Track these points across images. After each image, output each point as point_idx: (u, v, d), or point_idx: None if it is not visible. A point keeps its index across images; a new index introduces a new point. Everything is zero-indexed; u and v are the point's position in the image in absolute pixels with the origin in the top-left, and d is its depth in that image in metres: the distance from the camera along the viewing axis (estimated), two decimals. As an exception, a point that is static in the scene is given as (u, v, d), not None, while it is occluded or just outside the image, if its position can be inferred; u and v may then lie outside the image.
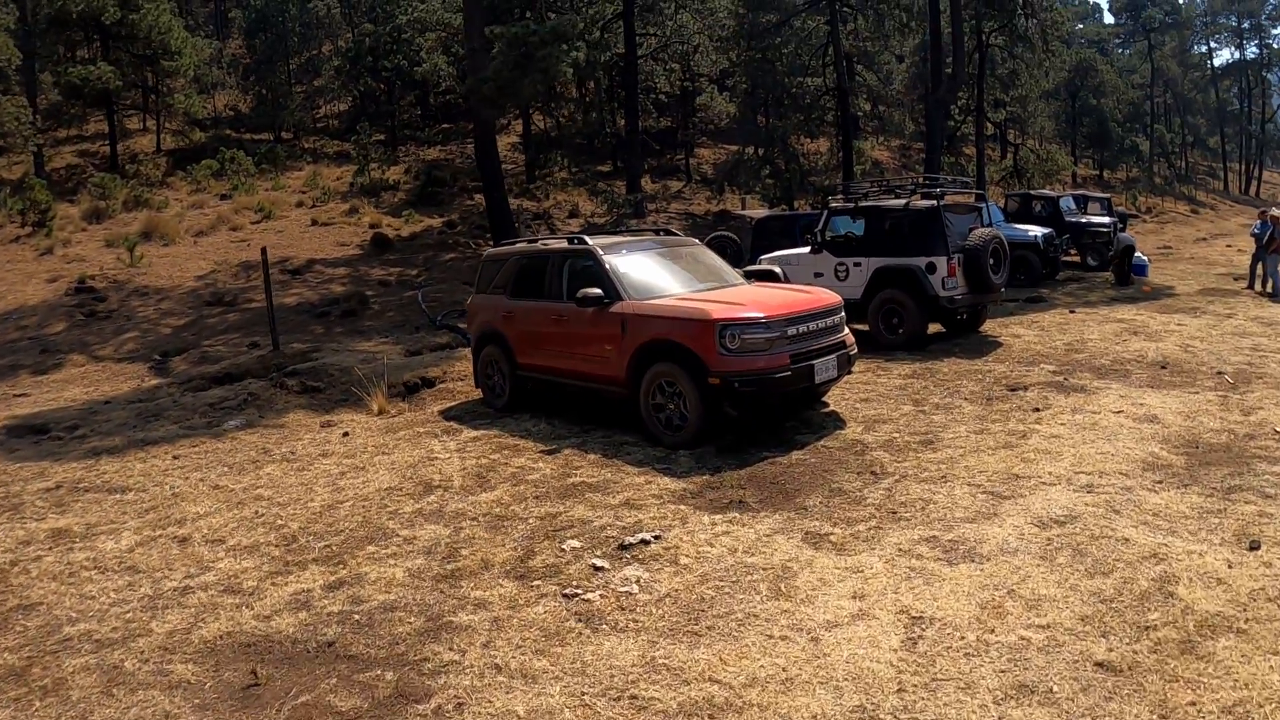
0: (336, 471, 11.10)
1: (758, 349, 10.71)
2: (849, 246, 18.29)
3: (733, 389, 10.64)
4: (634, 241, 13.29)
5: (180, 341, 23.06)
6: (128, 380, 19.34)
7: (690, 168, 49.67)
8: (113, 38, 43.67)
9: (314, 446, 12.48)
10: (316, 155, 47.46)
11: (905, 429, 11.55)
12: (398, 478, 10.63)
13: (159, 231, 33.25)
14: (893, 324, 17.25)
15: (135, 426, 14.36)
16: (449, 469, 10.80)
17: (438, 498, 9.77)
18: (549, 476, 10.23)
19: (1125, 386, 13.32)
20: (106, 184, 37.03)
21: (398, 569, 7.89)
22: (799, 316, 11.20)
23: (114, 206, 35.83)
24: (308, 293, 28.10)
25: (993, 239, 17.01)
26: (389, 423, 13.74)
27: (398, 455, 11.66)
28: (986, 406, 12.56)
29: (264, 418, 14.36)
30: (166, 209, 36.19)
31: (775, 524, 8.43)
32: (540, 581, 7.44)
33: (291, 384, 15.96)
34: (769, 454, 10.65)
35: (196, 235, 33.91)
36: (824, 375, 11.39)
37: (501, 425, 12.97)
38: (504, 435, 12.34)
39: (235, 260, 30.93)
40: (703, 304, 11.23)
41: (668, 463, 10.53)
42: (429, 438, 12.52)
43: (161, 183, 40.72)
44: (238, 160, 42.16)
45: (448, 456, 11.39)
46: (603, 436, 11.92)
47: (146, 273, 29.46)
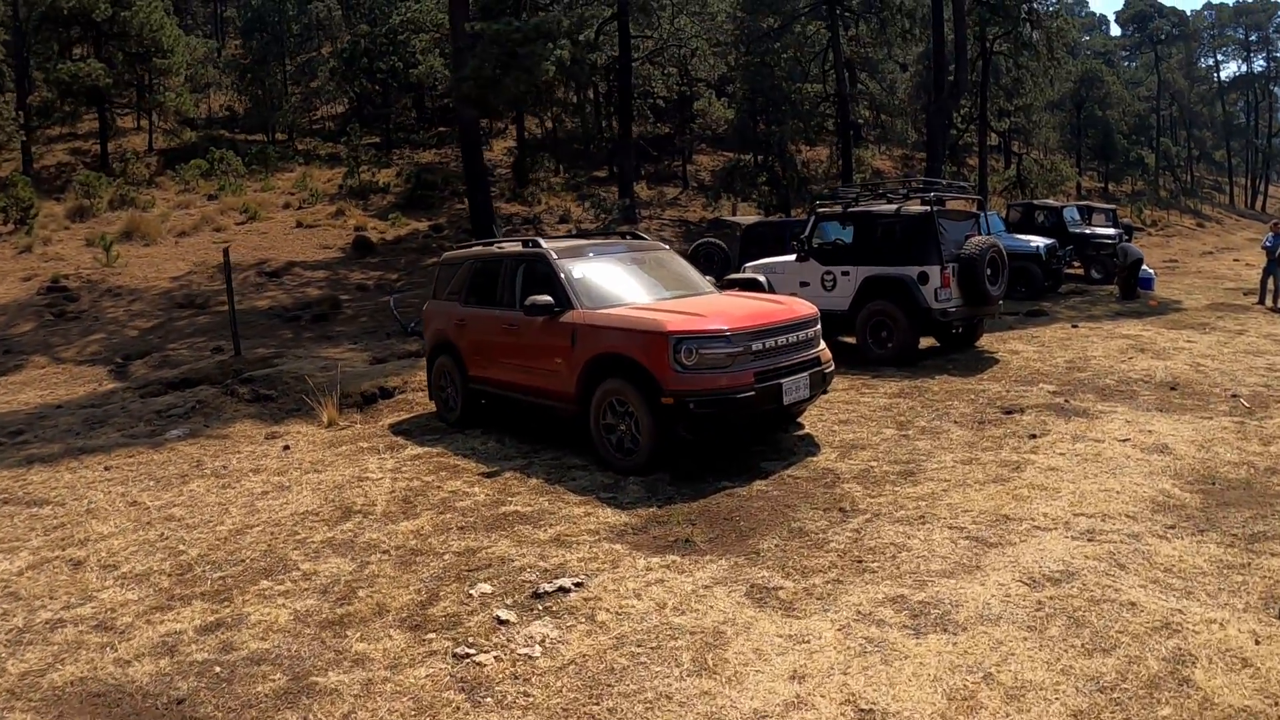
0: (260, 490, 10.30)
1: (718, 366, 9.59)
2: (837, 254, 17.03)
3: (688, 410, 9.51)
4: (595, 245, 12.31)
5: (145, 344, 22.36)
6: (86, 384, 18.77)
7: (688, 174, 48.55)
8: (105, 35, 43.00)
9: (249, 461, 11.70)
10: (309, 157, 46.60)
11: (885, 456, 10.35)
12: (320, 500, 9.75)
13: (140, 231, 32.60)
14: (882, 337, 16.00)
15: (78, 433, 13.75)
16: (376, 492, 9.90)
17: (354, 525, 8.88)
18: (481, 504, 9.27)
19: (1132, 410, 12.06)
20: (91, 182, 36.34)
21: (284, 611, 7.03)
22: (766, 330, 10.05)
23: (99, 205, 35.24)
24: (282, 296, 27.36)
25: (990, 247, 15.74)
26: (335, 436, 12.90)
27: (330, 474, 10.79)
28: (977, 432, 11.31)
29: (209, 427, 13.63)
30: (152, 209, 35.58)
31: (719, 571, 7.29)
32: (434, 635, 6.48)
33: (243, 392, 15.29)
34: (728, 484, 9.52)
35: (179, 236, 33.27)
36: (794, 396, 10.16)
37: (449, 442, 12.03)
38: (447, 454, 11.40)
39: (214, 262, 29.82)
40: (658, 314, 10.10)
41: (615, 491, 9.50)
42: (369, 454, 11.63)
43: (150, 182, 40.06)
44: (227, 160, 41.44)
45: (380, 477, 10.49)
46: (551, 458, 10.89)
47: (122, 273, 28.82)
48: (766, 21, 40.04)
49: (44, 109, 45.82)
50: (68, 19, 41.66)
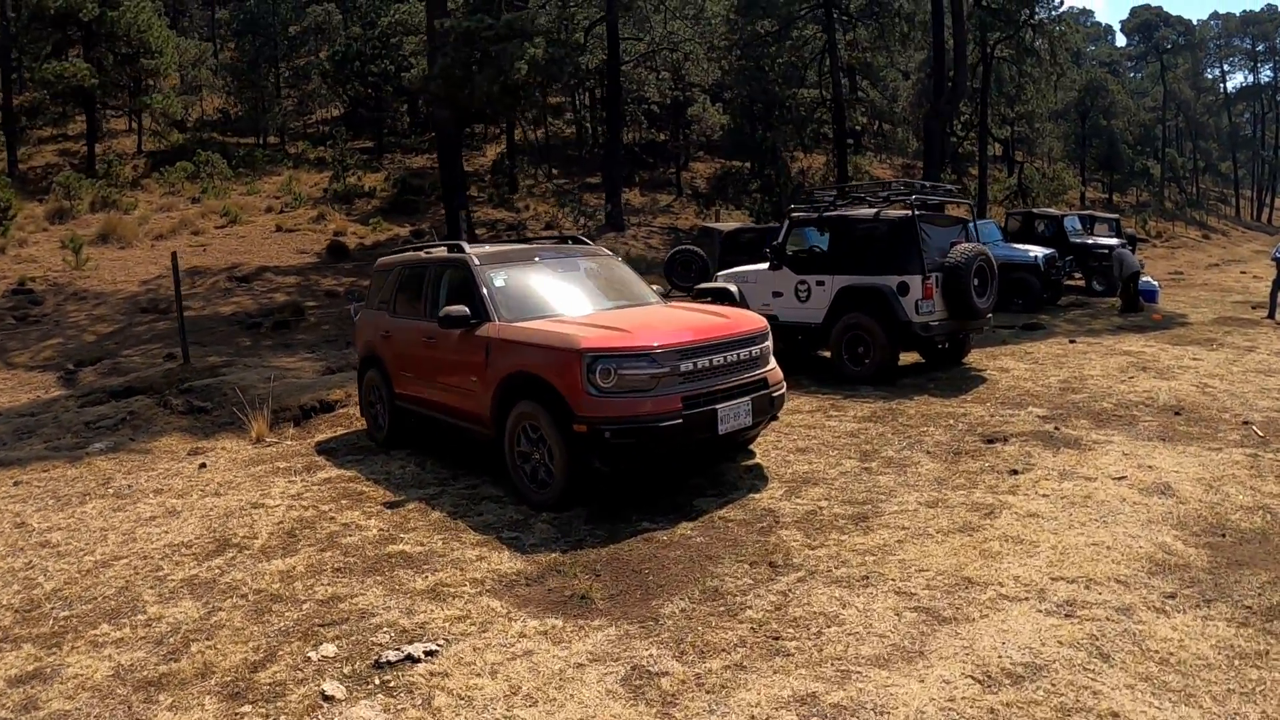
0: (149, 515, 9.39)
1: (639, 388, 8.31)
2: (812, 262, 15.56)
3: (603, 440, 8.21)
4: (525, 251, 11.03)
5: (100, 350, 21.35)
6: (33, 390, 17.71)
7: (683, 181, 47.10)
8: (94, 36, 41.80)
9: (158, 480, 10.83)
10: (299, 160, 45.44)
11: (839, 495, 8.90)
12: (203, 529, 8.82)
13: (117, 234, 31.56)
14: (858, 353, 14.51)
15: (5, 444, 13.08)
16: (264, 522, 8.91)
17: (225, 561, 7.95)
18: (369, 540, 8.22)
19: (1130, 439, 10.54)
20: (72, 184, 35.25)
21: (106, 664, 6.14)
22: (699, 347, 8.71)
23: (79, 207, 34.25)
24: (248, 302, 26.23)
25: (978, 256, 14.26)
26: (258, 453, 11.92)
27: (229, 498, 9.84)
28: (951, 465, 9.81)
29: (135, 440, 12.79)
30: (134, 211, 34.59)
31: (603, 643, 6.04)
32: (249, 708, 5.47)
33: (177, 404, 14.40)
34: (651, 525, 8.24)
35: (155, 239, 32.20)
36: (732, 424, 8.79)
37: (369, 464, 10.96)
38: (360, 478, 10.37)
39: (187, 265, 28.56)
40: (573, 329, 8.87)
41: (521, 530, 8.31)
42: (282, 476, 10.66)
43: (136, 184, 39.01)
44: (212, 163, 40.32)
45: (277, 504, 9.48)
46: (466, 487, 9.75)
47: (90, 276, 27.80)
48: (762, 25, 38.56)
49: (33, 109, 45.06)
50: (55, 19, 40.56)
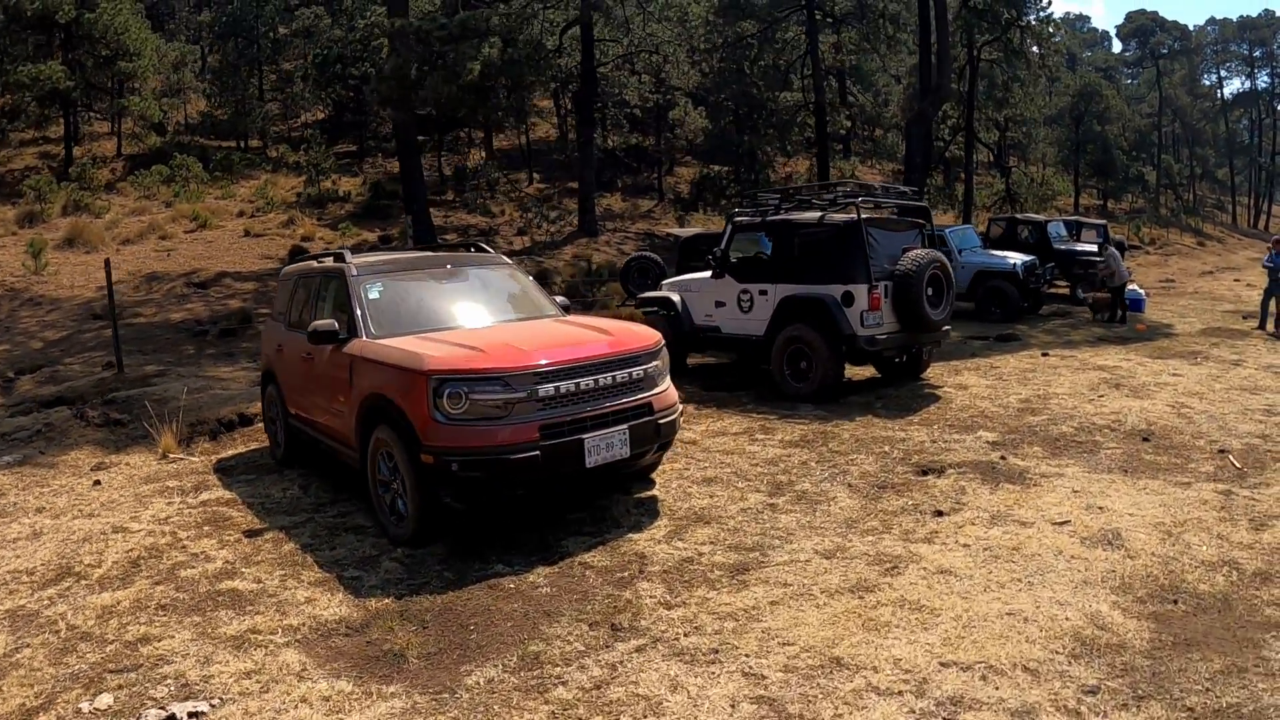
0: (11, 537, 8.93)
1: (491, 415, 7.30)
2: (755, 270, 14.17)
3: (450, 473, 7.23)
4: (411, 260, 10.13)
5: (44, 358, 20.42)
6: None
7: (666, 186, 45.75)
8: (72, 38, 41.04)
9: (46, 497, 10.32)
10: (278, 164, 44.34)
11: (728, 538, 7.69)
12: (53, 554, 8.26)
13: (83, 238, 30.52)
14: (800, 369, 13.12)
15: None
16: (115, 549, 8.27)
17: (57, 591, 7.39)
18: (208, 574, 7.51)
19: (1086, 471, 9.13)
20: (43, 187, 34.42)
21: None
22: (563, 369, 7.59)
23: (50, 211, 33.42)
24: (201, 308, 25.05)
25: (931, 263, 12.86)
26: (158, 470, 11.26)
27: (97, 520, 9.20)
28: (870, 502, 8.42)
29: (44, 454, 12.24)
30: (106, 215, 33.68)
31: (384, 717, 5.20)
32: None
33: (94, 416, 13.70)
34: (505, 569, 7.27)
35: (122, 243, 31.19)
36: (603, 456, 7.65)
37: (257, 485, 10.29)
38: (237, 502, 9.66)
39: (147, 271, 28.26)
40: (427, 347, 7.83)
41: (367, 568, 7.47)
42: (165, 496, 9.99)
43: (112, 188, 38.10)
44: (188, 167, 39.19)
45: (140, 528, 8.82)
46: (337, 515, 8.95)
47: (49, 281, 26.78)
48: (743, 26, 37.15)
49: (14, 112, 44.30)
50: (33, 21, 39.64)
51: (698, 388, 14.41)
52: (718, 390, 14.18)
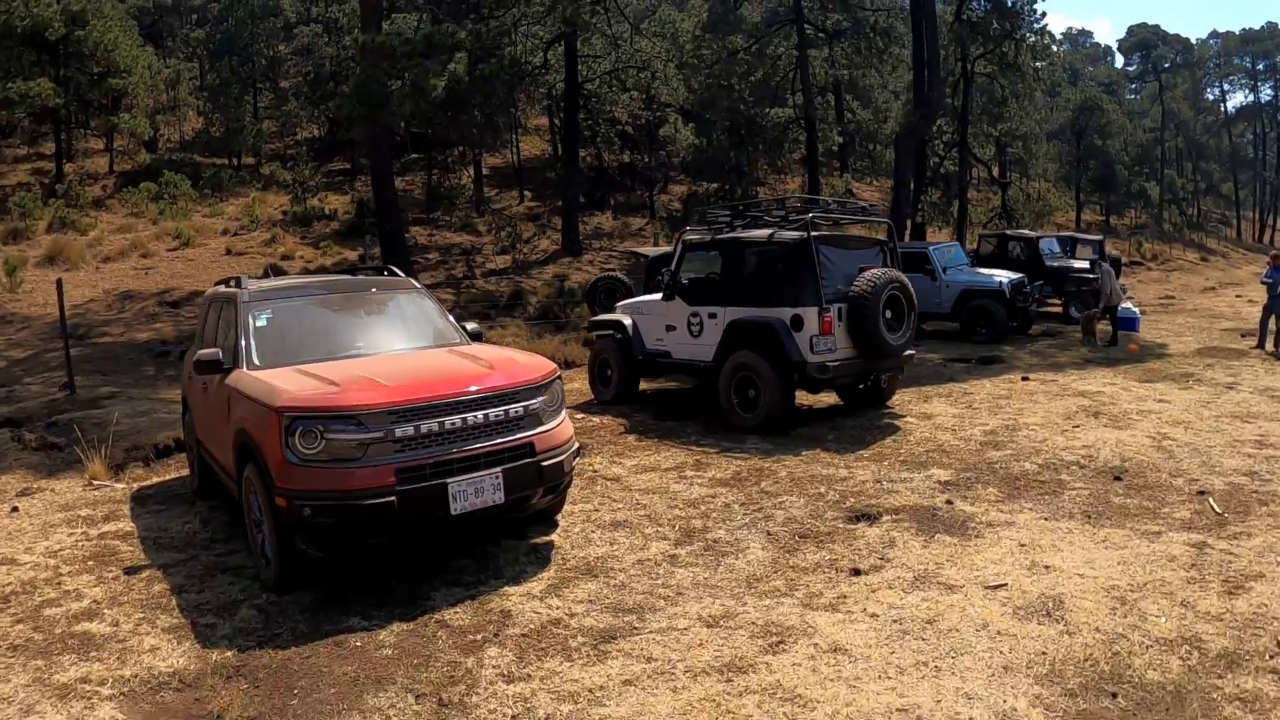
0: None
1: (346, 457, 6.62)
2: (706, 292, 13.08)
3: (302, 518, 6.62)
4: (307, 286, 9.38)
5: (5, 376, 19.84)
6: None
7: (659, 204, 44.72)
8: (64, 55, 40.46)
9: None
10: (269, 182, 43.63)
11: (610, 596, 6.78)
12: None
13: (64, 256, 30.06)
14: (749, 398, 11.99)
15: None
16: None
17: None
18: (70, 615, 7.00)
19: (1041, 518, 8.01)
20: (28, 204, 33.82)
21: None
22: (424, 406, 6.82)
23: (36, 228, 32.93)
24: (169, 328, 24.31)
25: (889, 283, 11.73)
26: (79, 497, 10.69)
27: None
28: (785, 554, 7.34)
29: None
30: (91, 232, 33.19)
31: None
32: None
33: (31, 439, 13.29)
34: (361, 622, 6.58)
35: (104, 261, 30.71)
36: (471, 502, 6.84)
37: (161, 517, 9.67)
38: (134, 535, 9.09)
39: (123, 289, 27.73)
40: (285, 381, 7.18)
41: (224, 614, 6.87)
42: (71, 526, 9.47)
43: (101, 204, 37.61)
44: (176, 184, 38.60)
45: (28, 560, 8.38)
46: (223, 553, 8.36)
47: (23, 299, 26.22)
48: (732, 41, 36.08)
49: (8, 128, 44.34)
50: (24, 38, 38.87)
51: (648, 416, 13.37)
52: (667, 420, 13.10)
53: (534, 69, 34.15)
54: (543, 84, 36.81)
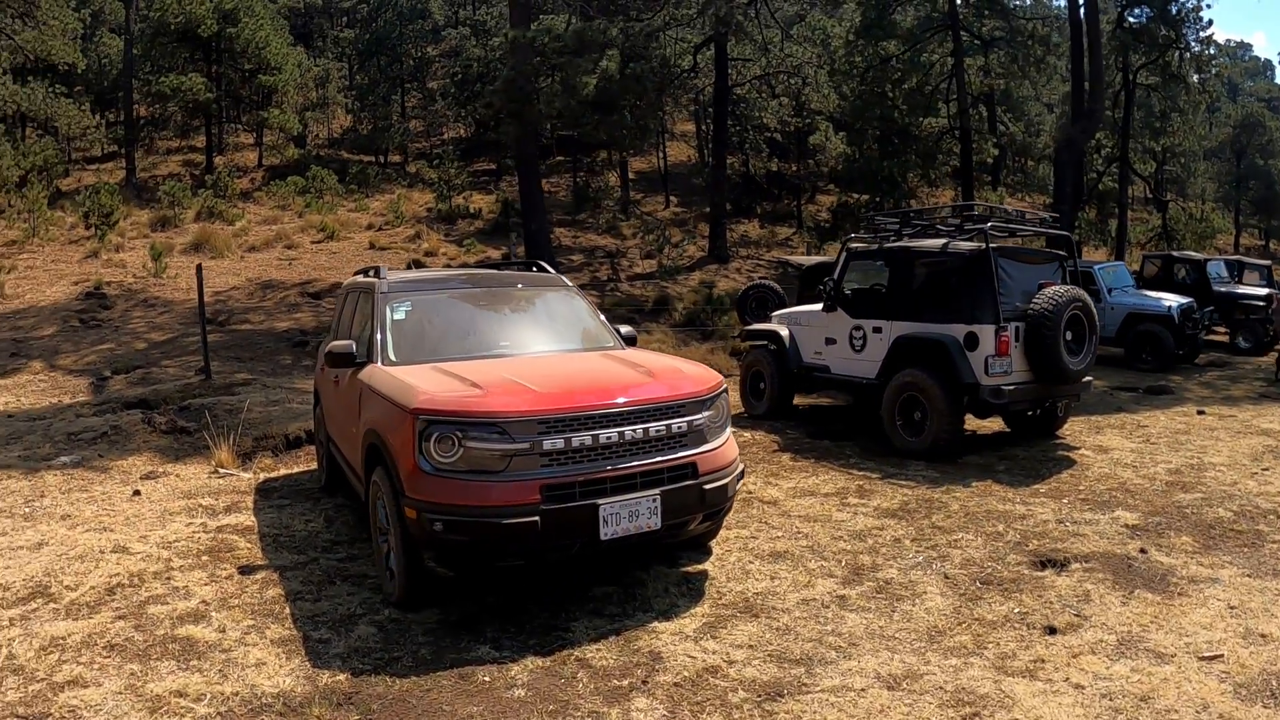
0: (17, 545, 8.16)
1: (487, 469, 5.97)
2: (871, 304, 12.38)
3: (433, 533, 5.96)
4: (448, 279, 8.86)
5: (144, 358, 20.29)
6: (61, 394, 16.81)
7: (806, 214, 43.91)
8: (215, 52, 41.92)
9: (77, 505, 9.56)
10: (414, 179, 44.10)
11: (773, 642, 6.01)
12: (39, 570, 7.48)
13: (210, 244, 30.79)
14: (914, 420, 11.24)
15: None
16: (100, 572, 7.43)
17: (20, 613, 6.61)
18: (175, 615, 6.56)
19: (1246, 575, 7.18)
20: (178, 194, 34.80)
21: None
22: (580, 417, 6.16)
23: (184, 216, 33.85)
24: (308, 318, 24.56)
25: (1071, 301, 10.89)
26: (203, 485, 10.41)
27: (107, 536, 8.38)
28: (967, 604, 6.59)
29: (103, 457, 11.58)
30: (238, 222, 33.98)
31: None
32: None
33: (161, 422, 13.04)
34: (492, 652, 5.91)
35: (248, 250, 31.36)
36: (624, 527, 6.13)
37: (286, 512, 9.29)
38: (254, 530, 8.68)
39: (264, 279, 28.14)
40: (422, 379, 6.58)
41: (340, 630, 6.32)
42: (190, 515, 9.14)
43: (249, 197, 38.46)
44: (323, 179, 39.25)
45: (140, 550, 7.97)
46: (344, 558, 7.82)
47: (167, 284, 26.88)
48: (885, 47, 35.14)
49: (161, 122, 45.54)
50: (178, 35, 40.55)
51: (801, 433, 12.67)
52: (823, 438, 12.39)
53: (682, 72, 33.65)
54: (690, 88, 36.21)
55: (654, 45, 27.69)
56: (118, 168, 41.60)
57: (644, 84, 25.80)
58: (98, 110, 46.05)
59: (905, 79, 35.33)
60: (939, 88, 36.86)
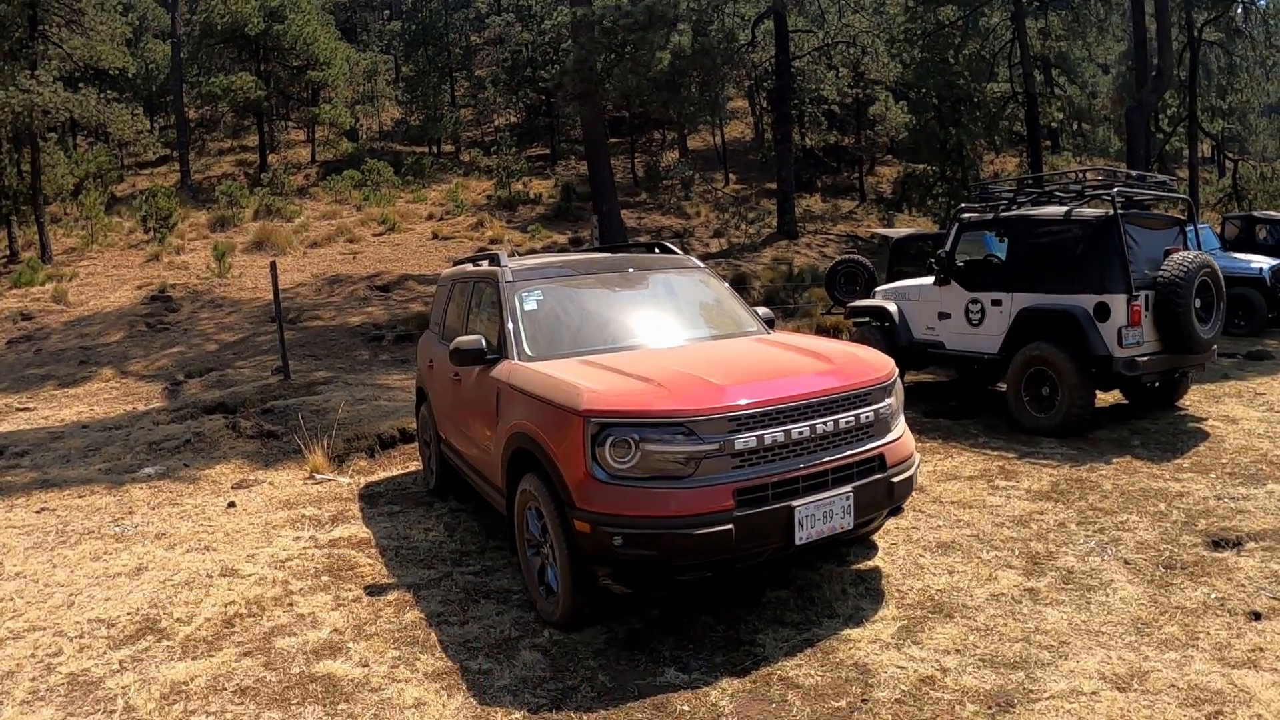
0: (114, 571, 7.74)
1: (671, 474, 5.46)
2: (987, 276, 12.00)
3: (610, 548, 5.43)
4: (582, 262, 8.25)
5: (216, 360, 20.48)
6: (135, 401, 16.93)
7: (868, 186, 43.46)
8: (263, 49, 42.15)
9: (173, 520, 9.26)
10: (470, 168, 44.13)
11: (980, 644, 5.67)
12: (146, 600, 7.03)
13: (271, 241, 30.98)
14: (1042, 395, 10.91)
15: (70, 461, 12.06)
16: (213, 600, 6.99)
17: (131, 653, 6.14)
18: (307, 648, 6.09)
19: None
20: (235, 193, 35.10)
21: None
22: (771, 411, 5.66)
23: (242, 215, 34.01)
24: (380, 312, 24.64)
25: (1201, 268, 10.54)
26: (300, 492, 10.11)
27: (210, 556, 8.01)
28: (1159, 591, 6.30)
29: (188, 466, 11.41)
30: (297, 219, 34.10)
31: None
32: None
33: (246, 426, 13.01)
34: (679, 675, 5.45)
35: (310, 246, 31.52)
36: (819, 529, 5.70)
37: (398, 520, 8.92)
38: (371, 542, 8.28)
39: (330, 274, 28.21)
40: (585, 377, 6.05)
41: (500, 657, 5.82)
42: (295, 528, 8.78)
43: (305, 192, 38.68)
44: (379, 171, 39.30)
45: (249, 573, 7.53)
46: (480, 571, 7.38)
47: (232, 284, 27.11)
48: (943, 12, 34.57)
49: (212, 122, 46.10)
50: (225, 34, 41.07)
51: (918, 413, 12.27)
52: (941, 417, 12.11)
53: (741, 46, 33.28)
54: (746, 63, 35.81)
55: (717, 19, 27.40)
56: (171, 171, 42.03)
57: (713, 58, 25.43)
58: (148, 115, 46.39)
59: (965, 44, 34.80)
60: (999, 52, 36.30)
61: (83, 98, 30.35)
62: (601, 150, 26.51)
